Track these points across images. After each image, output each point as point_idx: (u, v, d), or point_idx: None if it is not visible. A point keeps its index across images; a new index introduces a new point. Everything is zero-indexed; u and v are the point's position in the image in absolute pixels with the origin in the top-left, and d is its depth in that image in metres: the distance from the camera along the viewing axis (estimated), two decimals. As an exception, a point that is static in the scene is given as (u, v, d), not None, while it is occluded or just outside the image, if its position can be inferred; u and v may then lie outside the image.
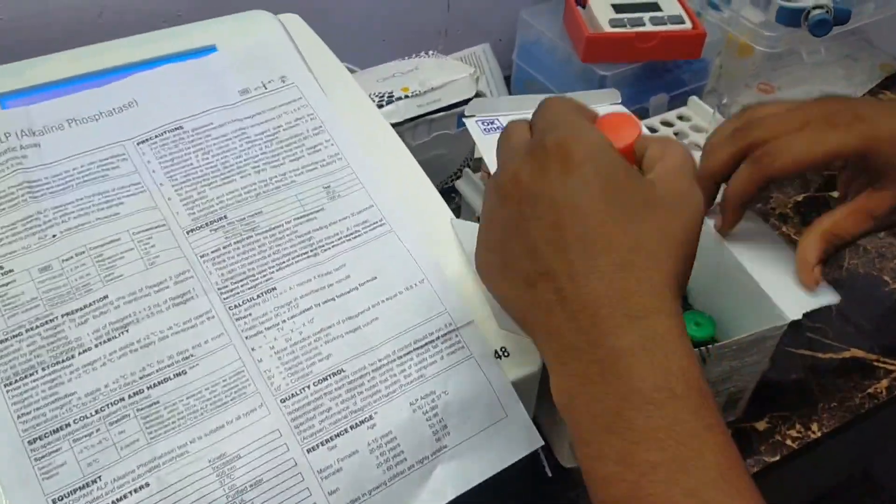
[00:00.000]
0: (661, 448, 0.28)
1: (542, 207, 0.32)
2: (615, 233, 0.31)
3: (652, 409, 0.29)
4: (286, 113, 0.50)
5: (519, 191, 0.33)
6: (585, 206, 0.31)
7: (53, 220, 0.43)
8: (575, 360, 0.31)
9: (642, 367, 0.29)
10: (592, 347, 0.30)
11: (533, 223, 0.32)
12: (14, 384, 0.38)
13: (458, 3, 0.81)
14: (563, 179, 0.32)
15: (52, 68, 0.50)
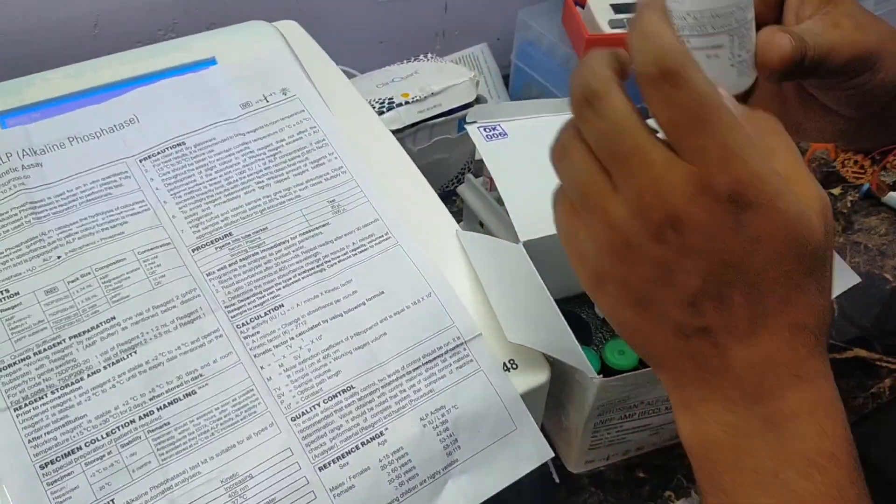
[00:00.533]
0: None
1: (709, 261, 0.28)
2: (792, 292, 0.29)
3: (815, 473, 0.28)
4: (288, 126, 0.50)
5: (681, 238, 0.28)
6: (761, 264, 0.28)
7: (58, 241, 0.43)
8: (728, 412, 0.30)
9: (809, 429, 0.29)
10: (753, 403, 0.29)
11: (694, 276, 0.29)
12: (24, 408, 0.38)
13: (455, 4, 0.81)
14: (737, 232, 0.28)
15: (51, 85, 0.50)
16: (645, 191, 0.28)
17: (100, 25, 0.65)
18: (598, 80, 0.28)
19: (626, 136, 0.28)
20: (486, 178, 0.63)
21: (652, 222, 0.28)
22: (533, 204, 0.52)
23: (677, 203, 0.28)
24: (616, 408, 0.48)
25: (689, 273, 0.29)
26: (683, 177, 0.27)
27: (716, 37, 0.32)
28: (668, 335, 0.30)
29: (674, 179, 0.27)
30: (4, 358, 0.39)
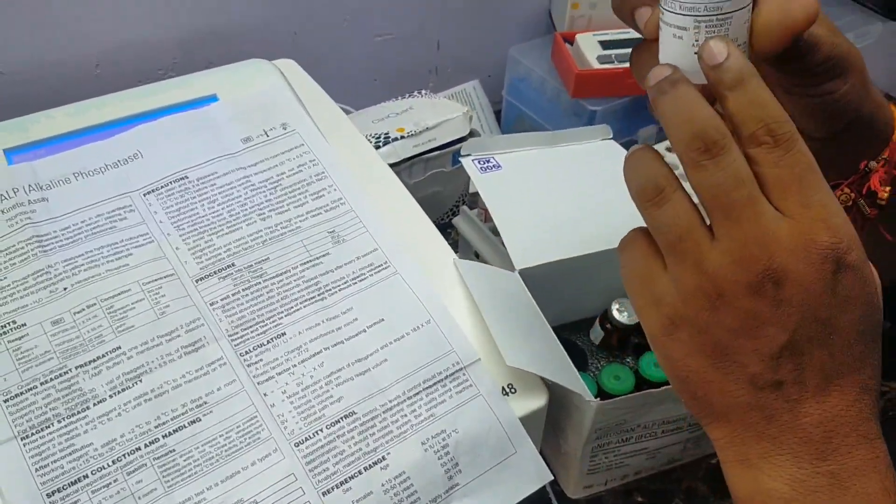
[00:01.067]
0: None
1: (802, 317, 0.29)
2: (864, 353, 0.30)
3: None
4: (288, 160, 0.51)
5: (779, 291, 0.29)
6: (846, 324, 0.30)
7: (64, 274, 0.43)
8: (795, 468, 0.31)
9: (872, 487, 0.30)
10: (821, 460, 0.30)
11: (784, 330, 0.30)
12: (31, 437, 0.38)
13: (447, 42, 0.83)
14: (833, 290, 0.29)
15: (55, 122, 0.51)
16: (751, 241, 0.29)
17: (101, 66, 0.66)
18: (719, 132, 0.29)
19: (742, 188, 0.29)
20: (480, 210, 0.64)
21: (753, 273, 0.29)
22: (527, 233, 0.54)
23: (782, 257, 0.29)
24: (613, 431, 0.49)
25: (780, 326, 0.29)
26: (790, 232, 0.29)
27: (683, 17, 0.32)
28: (740, 387, 0.31)
29: (780, 234, 0.29)
30: (11, 388, 0.40)
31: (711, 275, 0.30)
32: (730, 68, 0.30)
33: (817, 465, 0.30)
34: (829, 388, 0.30)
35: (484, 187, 0.57)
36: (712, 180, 0.29)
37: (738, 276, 0.29)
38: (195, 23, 0.68)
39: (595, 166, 0.61)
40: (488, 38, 0.84)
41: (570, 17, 0.78)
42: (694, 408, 0.33)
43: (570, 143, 0.62)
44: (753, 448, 0.31)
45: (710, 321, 0.30)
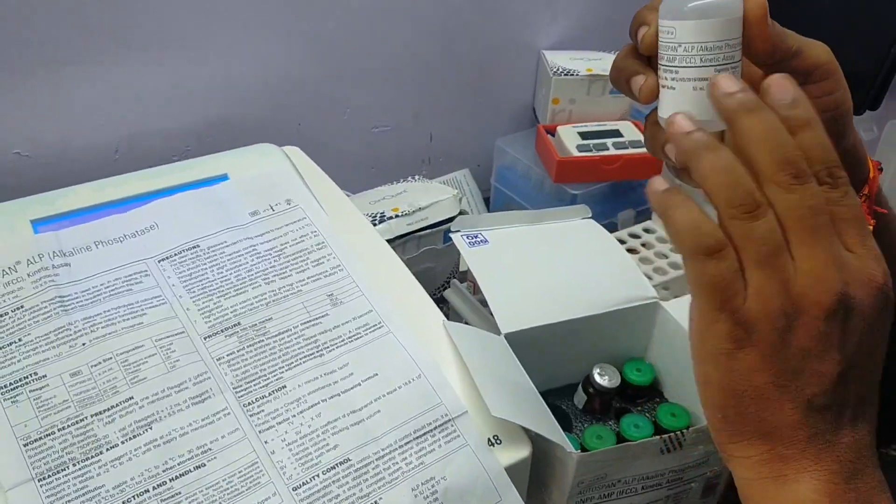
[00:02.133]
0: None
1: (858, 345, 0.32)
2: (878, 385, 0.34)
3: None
4: (292, 231, 0.56)
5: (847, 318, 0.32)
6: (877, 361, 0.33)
7: (83, 330, 0.47)
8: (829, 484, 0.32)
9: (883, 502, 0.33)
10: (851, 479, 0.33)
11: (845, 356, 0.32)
12: (47, 479, 0.41)
13: (439, 134, 0.90)
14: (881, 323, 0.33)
15: (79, 197, 0.56)
16: (831, 264, 0.31)
17: (120, 151, 0.72)
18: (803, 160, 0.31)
19: (823, 215, 0.31)
20: (469, 283, 0.69)
21: (832, 294, 0.31)
22: (512, 300, 0.58)
23: (853, 285, 0.31)
24: (595, 486, 0.51)
25: (843, 353, 0.32)
26: (857, 263, 0.32)
27: (703, 69, 0.35)
28: (795, 406, 0.32)
29: (851, 263, 0.32)
30: (31, 433, 0.43)
31: (795, 294, 0.31)
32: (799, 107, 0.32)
33: (847, 482, 0.33)
34: (863, 414, 0.33)
35: (472, 260, 0.62)
36: (802, 202, 0.31)
37: (819, 297, 0.31)
38: (207, 114, 0.75)
39: (575, 242, 0.66)
40: (477, 130, 0.91)
41: (552, 111, 0.85)
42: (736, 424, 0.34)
43: (552, 220, 0.67)
44: (792, 465, 0.33)
45: (784, 340, 0.32)
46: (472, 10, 0.84)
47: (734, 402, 0.33)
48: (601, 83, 0.83)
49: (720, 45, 0.35)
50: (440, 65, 0.85)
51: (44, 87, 0.66)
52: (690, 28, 0.34)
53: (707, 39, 0.34)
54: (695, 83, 0.35)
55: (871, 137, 0.91)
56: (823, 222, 0.31)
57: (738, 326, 0.32)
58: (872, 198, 0.43)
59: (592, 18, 0.91)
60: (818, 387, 0.32)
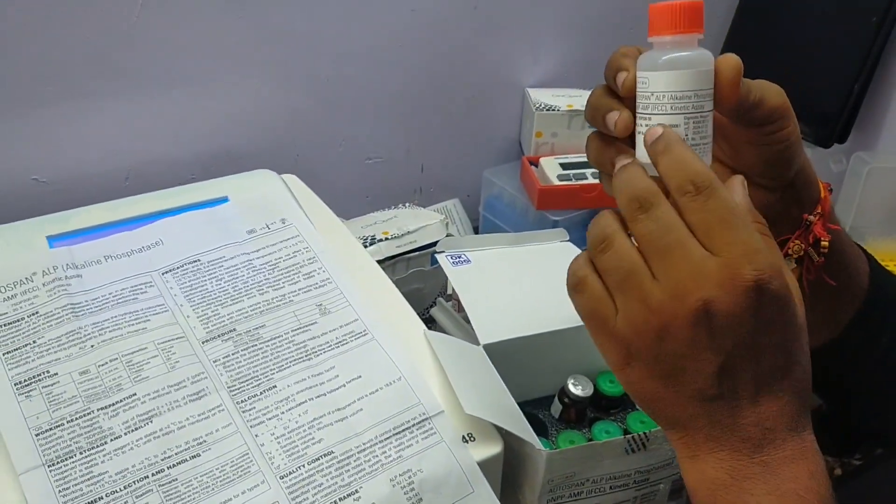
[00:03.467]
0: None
1: (732, 340, 0.34)
2: (791, 364, 0.36)
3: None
4: (285, 247, 0.60)
5: (712, 320, 0.34)
6: (769, 342, 0.35)
7: (92, 334, 0.51)
8: (734, 460, 0.36)
9: (800, 471, 0.36)
10: (756, 452, 0.36)
11: (720, 352, 0.35)
12: (56, 465, 0.45)
13: (430, 165, 0.95)
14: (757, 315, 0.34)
15: (91, 216, 0.61)
16: (684, 279, 0.34)
17: (129, 178, 0.77)
18: (650, 192, 0.36)
19: (672, 233, 0.35)
20: (454, 301, 0.73)
21: (689, 306, 0.34)
22: (491, 314, 0.62)
23: (712, 290, 0.33)
24: (565, 485, 0.55)
25: (716, 351, 0.34)
26: (717, 268, 0.34)
27: (674, 117, 0.38)
28: (688, 401, 0.36)
29: (710, 270, 0.34)
30: (42, 425, 0.47)
31: (655, 310, 0.35)
32: (659, 140, 0.37)
33: (752, 456, 0.36)
34: (761, 395, 0.36)
35: (455, 278, 0.66)
36: (647, 229, 0.35)
37: (677, 310, 0.34)
38: (211, 145, 0.80)
39: (552, 262, 0.70)
40: (466, 162, 0.96)
41: (535, 143, 0.90)
42: (655, 419, 0.38)
43: (532, 243, 0.71)
44: (701, 447, 0.37)
45: (659, 350, 0.35)
46: (462, 51, 0.90)
47: (643, 404, 0.38)
48: (581, 118, 0.89)
49: (689, 95, 0.38)
50: (431, 101, 0.91)
51: (61, 119, 0.72)
52: (661, 78, 0.38)
53: (676, 89, 0.38)
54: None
55: (839, 169, 0.96)
56: (674, 238, 0.34)
57: (619, 345, 0.37)
58: (826, 216, 0.46)
59: (572, 59, 0.97)
60: (702, 382, 0.35)
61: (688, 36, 0.38)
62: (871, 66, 0.93)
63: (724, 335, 0.34)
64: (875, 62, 0.93)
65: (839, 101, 0.94)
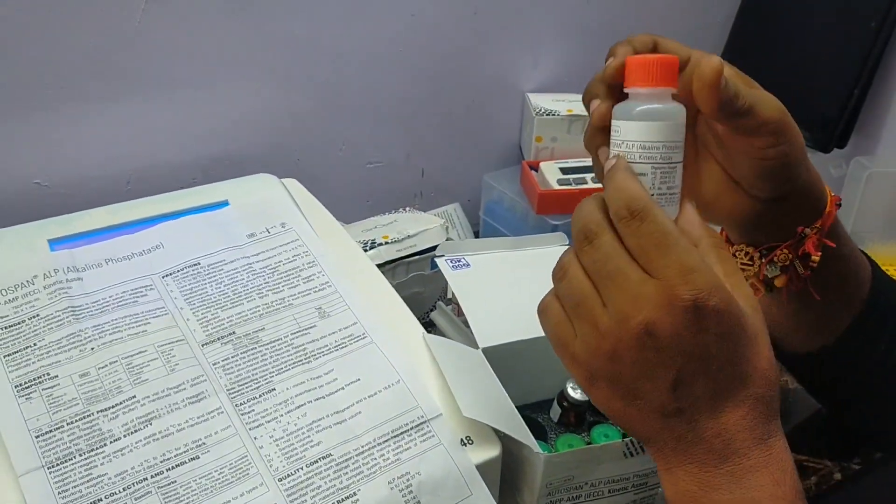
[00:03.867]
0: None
1: (681, 357, 0.36)
2: (746, 372, 0.37)
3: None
4: (285, 251, 0.61)
5: (656, 341, 0.35)
6: (719, 354, 0.36)
7: (92, 336, 0.52)
8: (701, 472, 0.37)
9: (765, 480, 0.36)
10: (722, 463, 0.37)
11: (671, 370, 0.36)
12: (56, 467, 0.45)
13: (430, 170, 0.95)
14: (700, 330, 0.35)
15: (93, 219, 0.61)
16: (625, 303, 0.36)
17: (131, 182, 0.77)
18: (594, 223, 0.38)
19: (612, 261, 0.36)
20: (454, 306, 0.73)
21: (632, 329, 0.35)
22: (491, 318, 0.62)
23: (651, 312, 0.35)
24: (563, 488, 0.55)
25: (666, 368, 0.36)
26: (654, 290, 0.35)
27: (641, 165, 0.39)
28: (652, 418, 0.38)
29: (648, 292, 0.35)
30: (42, 426, 0.47)
31: (605, 334, 0.36)
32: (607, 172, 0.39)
33: (718, 467, 0.37)
34: (720, 405, 0.37)
35: (454, 281, 0.66)
36: (591, 259, 0.37)
37: (622, 334, 0.36)
38: (212, 149, 0.80)
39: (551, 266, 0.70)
40: (467, 167, 0.97)
41: (535, 148, 0.91)
42: (630, 434, 0.40)
43: (531, 247, 0.72)
44: (671, 460, 0.38)
45: (615, 371, 0.37)
46: (462, 55, 0.90)
47: (615, 422, 0.40)
48: (581, 122, 0.89)
49: (658, 146, 0.39)
50: (431, 105, 0.91)
51: (62, 123, 0.72)
52: (633, 128, 0.40)
53: (647, 139, 0.39)
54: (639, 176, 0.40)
55: (839, 174, 0.96)
56: (614, 266, 0.36)
57: (580, 367, 0.38)
58: (825, 230, 0.47)
59: (572, 64, 0.97)
60: (661, 399, 0.37)
61: (662, 89, 0.40)
62: (870, 70, 0.93)
63: (672, 353, 0.36)
64: (874, 66, 0.93)
65: (839, 105, 0.94)
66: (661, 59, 0.40)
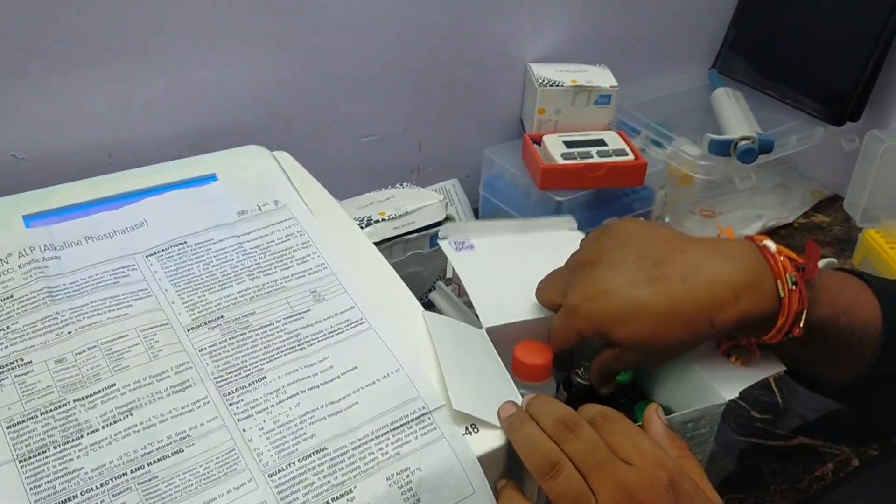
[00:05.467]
0: None
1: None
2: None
3: None
4: (278, 230, 0.57)
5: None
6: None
7: (69, 319, 0.48)
8: None
9: None
10: None
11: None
12: (28, 460, 0.42)
13: (428, 144, 0.91)
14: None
15: (71, 194, 0.57)
16: (619, 488, 0.41)
17: (113, 155, 0.74)
18: (569, 413, 0.44)
19: (600, 450, 0.43)
20: (454, 286, 0.70)
21: None
22: (495, 298, 0.59)
23: (641, 496, 0.41)
24: (570, 480, 0.52)
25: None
26: (639, 477, 0.41)
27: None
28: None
29: (634, 478, 0.41)
30: (14, 416, 0.44)
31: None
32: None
33: None
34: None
35: (458, 262, 0.63)
36: (578, 448, 0.43)
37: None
38: (200, 120, 0.76)
39: (560, 251, 0.67)
40: (466, 140, 0.93)
41: (538, 121, 0.87)
42: None
43: (538, 230, 0.68)
44: None
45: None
46: (461, 24, 0.86)
47: None
48: (586, 94, 0.85)
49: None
50: (429, 76, 0.87)
51: (40, 92, 0.68)
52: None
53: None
54: None
55: (851, 148, 0.93)
56: (602, 455, 0.42)
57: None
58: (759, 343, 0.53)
59: (576, 32, 0.93)
60: None
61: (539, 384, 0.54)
62: (886, 40, 0.89)
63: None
64: (890, 36, 0.89)
65: (852, 77, 0.90)
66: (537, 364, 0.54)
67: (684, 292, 0.50)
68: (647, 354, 0.52)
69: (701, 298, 0.50)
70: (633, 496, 0.41)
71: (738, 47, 1.00)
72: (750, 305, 0.49)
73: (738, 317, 0.49)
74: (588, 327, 0.52)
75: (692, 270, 0.50)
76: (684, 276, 0.50)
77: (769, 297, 0.50)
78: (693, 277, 0.50)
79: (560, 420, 0.44)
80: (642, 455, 0.42)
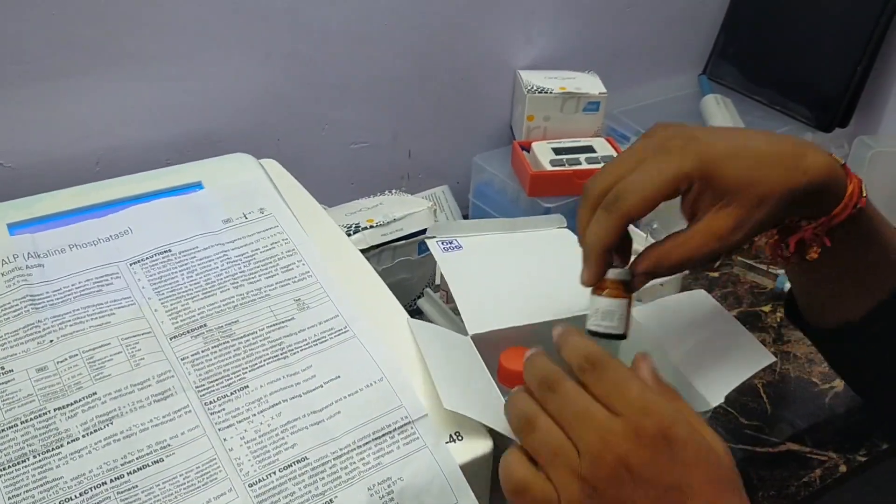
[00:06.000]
0: None
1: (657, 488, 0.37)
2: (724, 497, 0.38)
3: None
4: (263, 238, 0.57)
5: (631, 474, 0.37)
6: (695, 481, 0.37)
7: (51, 328, 0.48)
8: None
9: None
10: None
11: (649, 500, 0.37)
12: (7, 469, 0.42)
13: (418, 151, 0.91)
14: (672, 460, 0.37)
15: (56, 202, 0.57)
16: (596, 441, 0.38)
17: (101, 164, 0.73)
18: (552, 372, 0.41)
19: (577, 403, 0.39)
20: (442, 292, 0.70)
21: (607, 466, 0.37)
22: (482, 303, 0.59)
23: (622, 447, 0.37)
24: (555, 489, 0.52)
25: (646, 499, 0.37)
26: (622, 427, 0.38)
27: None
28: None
29: (616, 429, 0.38)
30: (-7, 426, 0.43)
31: (582, 476, 0.38)
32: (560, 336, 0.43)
33: None
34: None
35: (445, 264, 0.63)
36: (556, 404, 0.40)
37: (598, 472, 0.37)
38: (188, 128, 0.76)
39: (548, 250, 0.67)
40: (456, 147, 0.93)
41: (527, 128, 0.87)
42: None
43: (527, 229, 0.68)
44: None
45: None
46: (451, 30, 0.86)
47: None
48: (574, 101, 0.85)
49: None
50: (418, 83, 0.87)
51: (27, 100, 0.68)
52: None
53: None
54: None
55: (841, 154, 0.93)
56: (579, 409, 0.39)
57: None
58: (828, 225, 0.49)
59: (566, 39, 0.93)
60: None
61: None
62: (874, 47, 0.90)
63: (646, 484, 0.37)
64: (879, 43, 0.90)
65: (841, 83, 0.90)
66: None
67: (778, 139, 0.47)
68: (750, 205, 0.45)
69: (790, 144, 0.47)
70: (615, 445, 0.37)
71: (728, 54, 1.01)
72: (830, 158, 0.47)
73: (826, 165, 0.46)
74: (692, 165, 0.45)
75: (770, 133, 0.48)
76: (768, 134, 0.48)
77: (836, 163, 0.48)
78: (775, 134, 0.48)
79: (542, 380, 0.41)
80: (629, 404, 0.38)
